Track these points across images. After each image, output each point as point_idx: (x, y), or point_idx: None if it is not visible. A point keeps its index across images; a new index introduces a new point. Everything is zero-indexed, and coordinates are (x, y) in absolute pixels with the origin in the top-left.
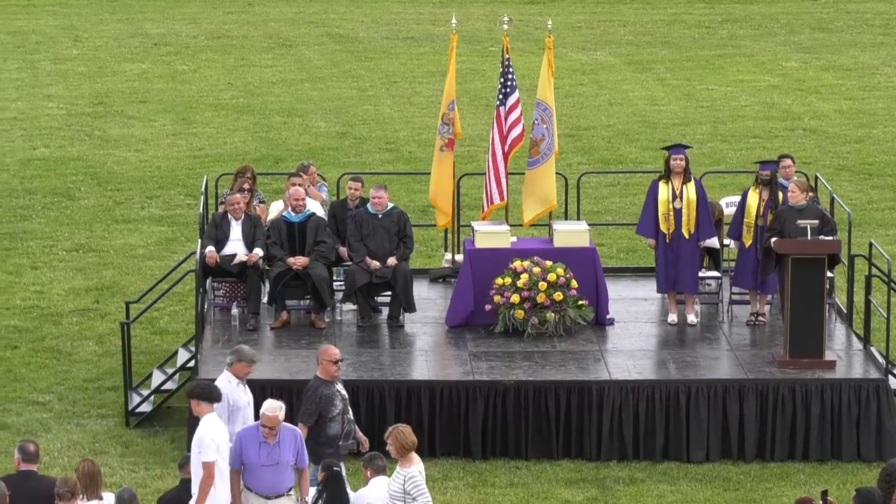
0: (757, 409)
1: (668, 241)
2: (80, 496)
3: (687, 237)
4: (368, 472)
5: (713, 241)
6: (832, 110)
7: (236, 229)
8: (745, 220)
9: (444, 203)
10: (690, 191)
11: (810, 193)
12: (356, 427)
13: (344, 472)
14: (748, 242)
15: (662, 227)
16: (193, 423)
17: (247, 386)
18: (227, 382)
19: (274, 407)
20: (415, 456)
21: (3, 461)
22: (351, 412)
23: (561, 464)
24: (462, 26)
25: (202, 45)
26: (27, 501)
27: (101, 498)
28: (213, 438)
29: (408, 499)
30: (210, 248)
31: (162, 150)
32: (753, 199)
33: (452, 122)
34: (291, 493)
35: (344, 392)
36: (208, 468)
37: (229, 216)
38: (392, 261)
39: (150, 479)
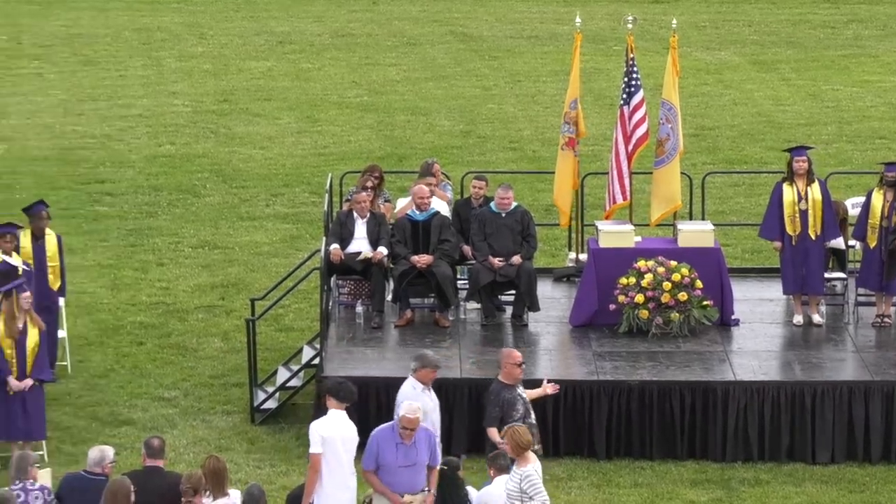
0: (883, 411)
1: (794, 242)
2: (205, 493)
3: (814, 238)
4: (492, 471)
5: (838, 242)
6: None
7: (361, 227)
8: (869, 220)
9: (564, 202)
10: (815, 192)
11: None
12: (538, 430)
13: (460, 472)
14: (872, 243)
15: (789, 229)
16: (319, 416)
17: (432, 391)
18: (411, 389)
19: (413, 409)
20: (531, 455)
21: (129, 457)
22: (533, 415)
23: (686, 464)
24: (586, 25)
25: (327, 44)
26: (153, 497)
27: (227, 494)
28: (320, 432)
29: (524, 498)
30: (335, 246)
31: (287, 148)
32: (878, 200)
33: (574, 121)
34: (425, 490)
35: (525, 395)
36: (312, 460)
37: (354, 214)
38: (517, 259)
39: (276, 476)
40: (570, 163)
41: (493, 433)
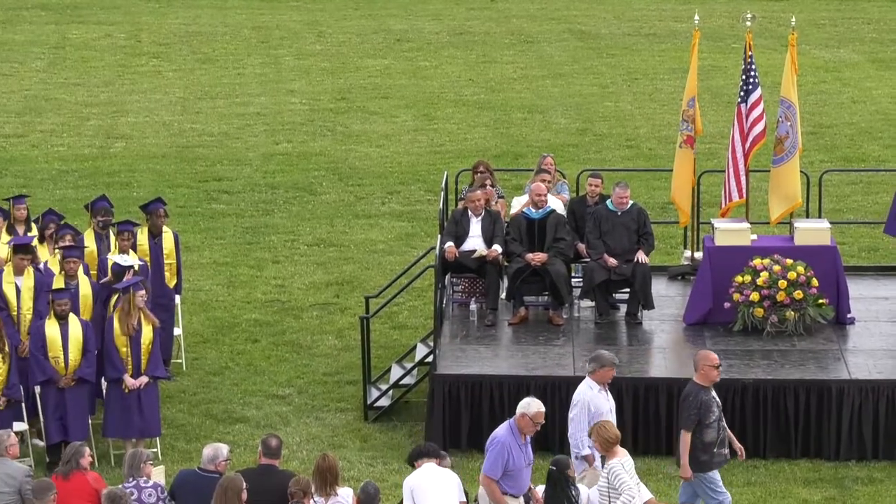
0: None
1: None
2: (315, 493)
3: None
4: None
5: None
6: None
7: (476, 226)
8: None
9: (683, 200)
10: None
11: None
12: (731, 434)
13: (573, 472)
14: None
15: None
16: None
17: (609, 392)
18: (588, 388)
19: (541, 404)
20: (620, 449)
21: (243, 454)
22: (723, 419)
23: (799, 463)
24: (704, 23)
25: (444, 42)
26: (266, 496)
27: (336, 494)
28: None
29: (612, 493)
30: (449, 244)
31: (403, 146)
32: None
33: (692, 119)
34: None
35: (718, 399)
36: None
37: (469, 212)
38: (642, 256)
39: (388, 474)
40: (688, 161)
41: (686, 437)
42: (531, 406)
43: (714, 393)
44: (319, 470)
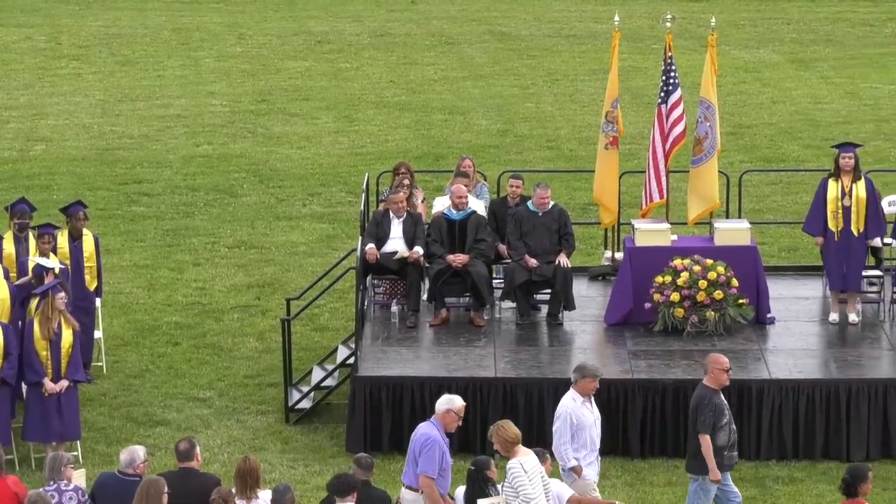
0: None
1: (836, 238)
2: (236, 496)
3: (856, 235)
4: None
5: (876, 241)
6: None
7: (397, 227)
8: None
9: (610, 201)
10: (860, 189)
11: None
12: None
13: (493, 473)
14: None
15: (831, 225)
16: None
17: (594, 403)
18: (571, 400)
19: (460, 398)
20: (521, 449)
21: (164, 457)
22: (733, 422)
23: None
24: (624, 24)
25: (365, 43)
26: (188, 499)
27: (257, 497)
28: None
29: (509, 492)
30: (370, 246)
31: (324, 148)
32: None
33: (616, 120)
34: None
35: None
36: None
37: (391, 214)
38: (563, 259)
39: (310, 476)
40: (614, 162)
41: (707, 440)
42: (454, 401)
43: (722, 396)
44: (240, 473)
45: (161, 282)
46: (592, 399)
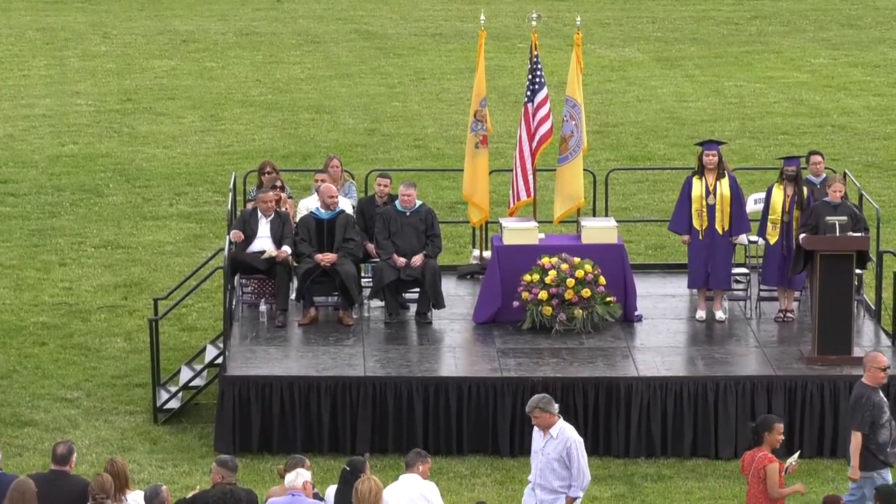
0: (785, 406)
1: (700, 237)
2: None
3: (721, 233)
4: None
5: (743, 238)
6: (861, 107)
7: (265, 226)
8: (770, 216)
9: (482, 200)
10: (724, 187)
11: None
12: None
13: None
14: (774, 239)
15: (696, 223)
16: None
17: (554, 437)
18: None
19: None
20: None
21: (32, 458)
22: (893, 419)
23: (588, 460)
24: (490, 23)
25: (231, 42)
26: (57, 502)
27: (126, 499)
28: None
29: None
30: (235, 231)
31: (190, 147)
32: (778, 195)
33: (485, 118)
34: None
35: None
36: None
37: (258, 213)
38: (417, 260)
39: (179, 476)
40: (485, 161)
41: (858, 438)
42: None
43: (882, 394)
44: (113, 475)
45: (27, 282)
46: (552, 433)
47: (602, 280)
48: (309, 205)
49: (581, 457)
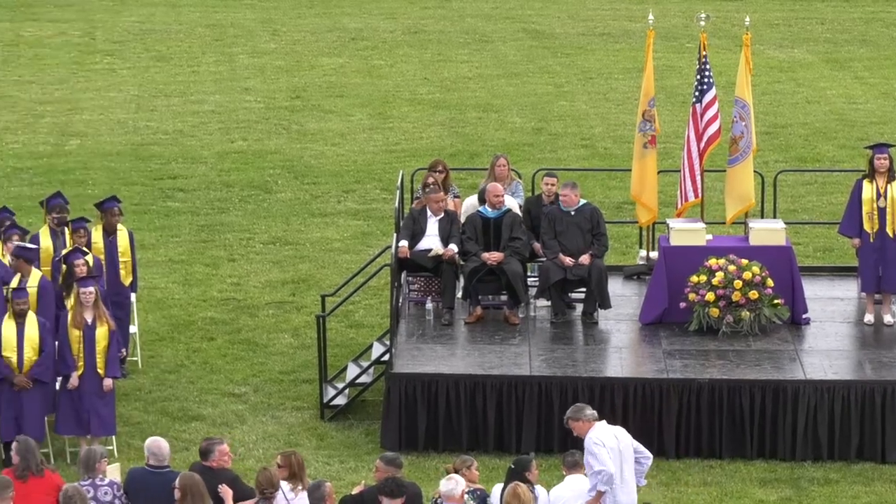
0: None
1: (871, 240)
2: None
3: (892, 236)
4: (565, 470)
5: None
6: None
7: (433, 225)
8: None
9: (650, 200)
10: (895, 190)
11: None
12: None
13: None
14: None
15: (866, 227)
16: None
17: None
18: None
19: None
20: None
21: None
22: None
23: (755, 463)
24: (659, 23)
25: (399, 40)
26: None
27: (304, 488)
28: None
29: None
30: (403, 243)
31: (358, 145)
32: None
33: (654, 118)
34: None
35: None
36: None
37: (427, 211)
38: (585, 259)
39: (344, 472)
40: (653, 161)
41: None
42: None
43: None
44: (290, 466)
45: (196, 277)
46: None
47: (770, 282)
48: (471, 205)
49: (591, 455)
